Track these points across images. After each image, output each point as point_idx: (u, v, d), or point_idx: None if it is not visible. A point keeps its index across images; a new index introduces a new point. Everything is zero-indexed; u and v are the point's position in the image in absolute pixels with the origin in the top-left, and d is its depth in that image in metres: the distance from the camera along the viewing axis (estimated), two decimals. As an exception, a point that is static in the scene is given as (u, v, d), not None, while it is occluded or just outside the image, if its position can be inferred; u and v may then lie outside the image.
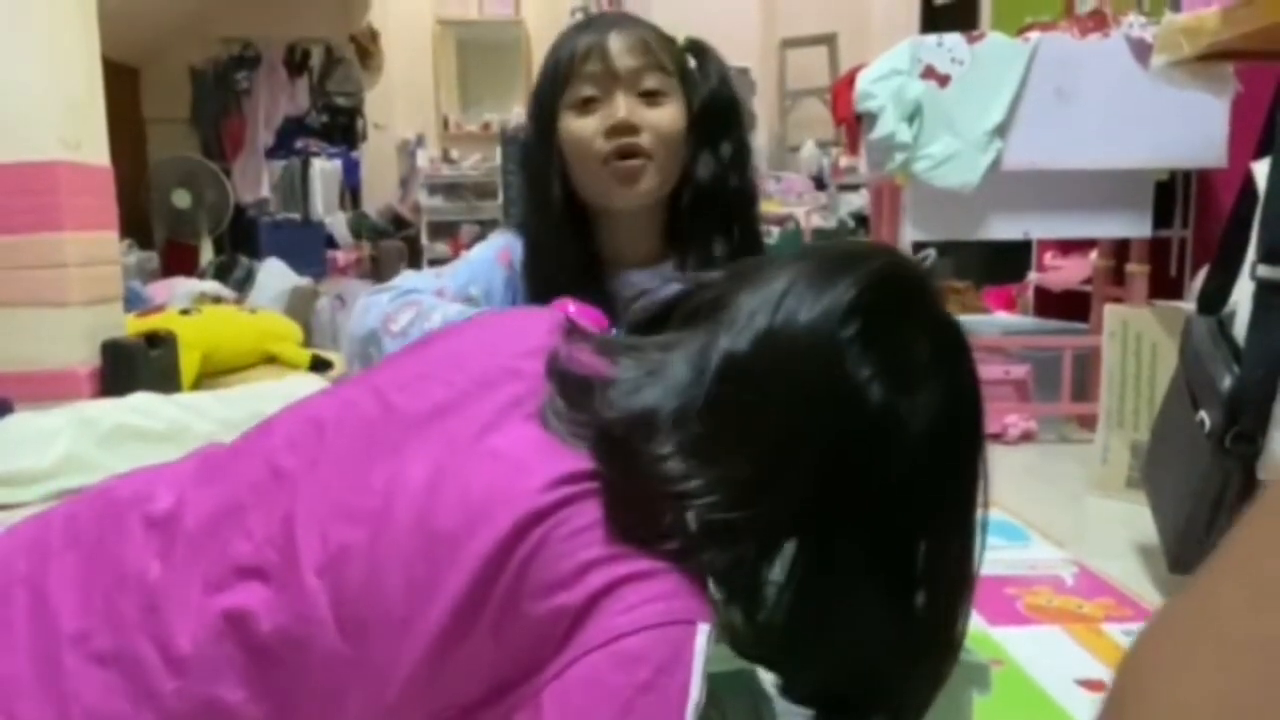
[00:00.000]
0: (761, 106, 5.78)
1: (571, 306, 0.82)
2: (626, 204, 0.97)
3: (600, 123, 0.94)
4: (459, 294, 0.97)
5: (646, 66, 0.94)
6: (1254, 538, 0.24)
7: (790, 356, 0.56)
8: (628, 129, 0.94)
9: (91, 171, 2.55)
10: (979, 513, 0.64)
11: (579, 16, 5.66)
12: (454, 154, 6.09)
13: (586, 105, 0.95)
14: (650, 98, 0.95)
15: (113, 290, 2.63)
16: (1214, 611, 0.24)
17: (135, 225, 4.59)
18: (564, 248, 0.98)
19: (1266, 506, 0.24)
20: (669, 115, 0.96)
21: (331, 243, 5.35)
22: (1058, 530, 1.76)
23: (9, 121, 2.37)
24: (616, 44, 0.94)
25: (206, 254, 4.99)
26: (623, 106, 0.94)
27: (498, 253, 1.03)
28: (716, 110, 0.99)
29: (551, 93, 0.97)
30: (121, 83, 4.79)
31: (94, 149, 2.57)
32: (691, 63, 1.00)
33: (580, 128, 0.95)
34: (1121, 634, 1.32)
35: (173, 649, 0.54)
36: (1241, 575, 0.24)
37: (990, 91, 2.33)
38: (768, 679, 0.92)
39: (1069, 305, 3.08)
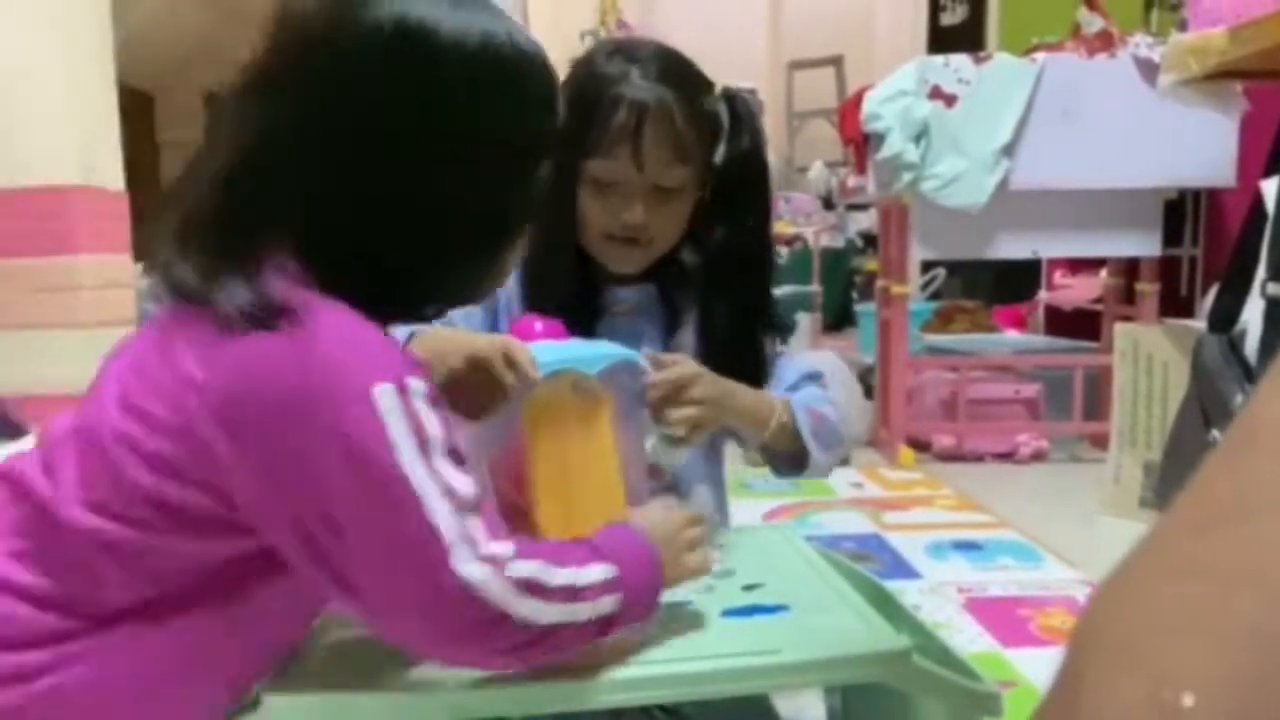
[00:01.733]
0: (769, 128, 5.80)
1: (538, 324, 0.85)
2: (616, 271, 1.00)
3: (612, 208, 0.94)
4: None
5: (674, 161, 0.93)
6: (1212, 463, 0.24)
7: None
8: (640, 229, 0.95)
9: (106, 196, 2.57)
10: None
11: (588, 41, 5.69)
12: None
13: (602, 186, 0.95)
14: (667, 192, 0.94)
15: (127, 313, 2.65)
16: (1163, 536, 0.24)
17: (150, 249, 4.63)
18: (564, 276, 1.00)
19: (1231, 437, 0.24)
20: (679, 210, 0.96)
21: (342, 264, 5.39)
22: (1070, 551, 1.75)
23: (25, 147, 2.40)
24: (651, 139, 0.92)
25: (218, 276, 5.02)
26: (638, 209, 0.94)
27: None
28: (741, 177, 0.98)
29: (577, 139, 0.94)
30: (137, 108, 4.85)
31: (109, 174, 2.60)
32: (722, 111, 0.98)
33: (591, 206, 0.96)
34: (1136, 655, 1.31)
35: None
36: (1194, 499, 0.24)
37: (997, 112, 2.34)
38: (780, 705, 0.92)
39: (1079, 324, 3.07)
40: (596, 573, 0.59)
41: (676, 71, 0.96)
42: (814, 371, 1.03)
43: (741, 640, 0.67)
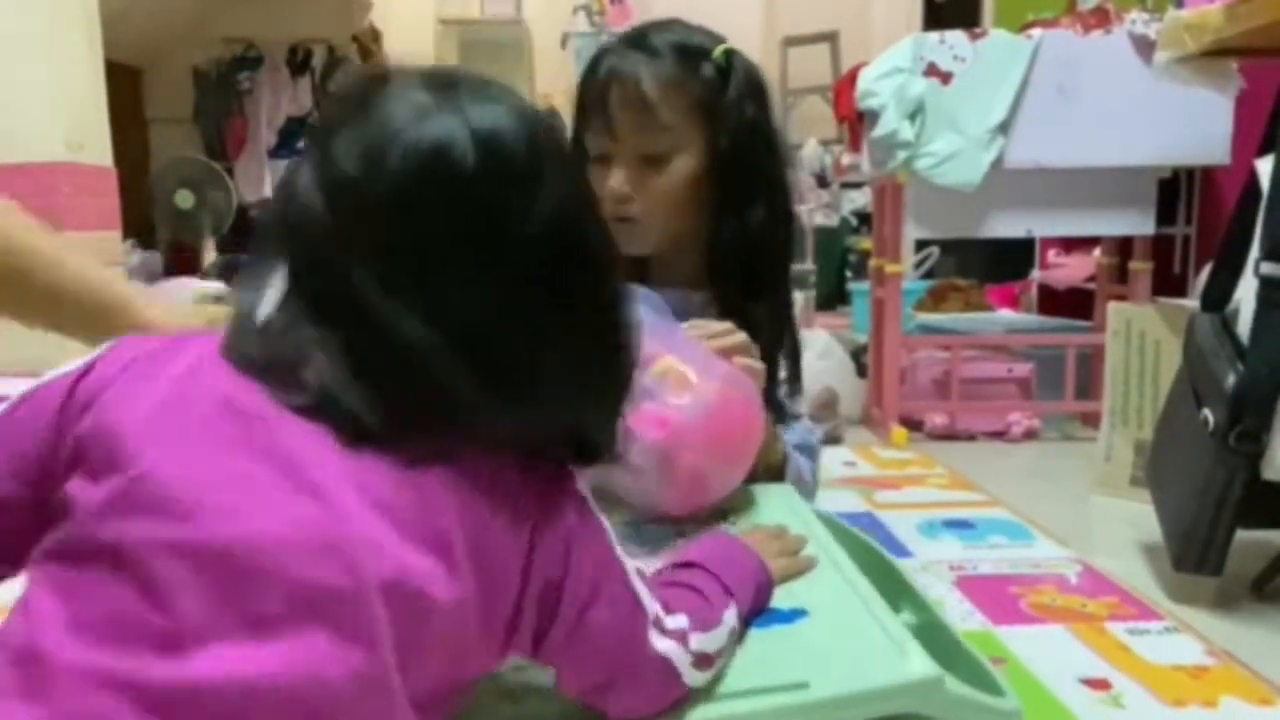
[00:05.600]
0: (764, 105, 5.77)
1: None
2: (626, 252, 0.96)
3: (601, 183, 0.93)
4: None
5: (647, 127, 0.90)
6: None
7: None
8: (622, 199, 0.92)
9: (94, 173, 2.55)
10: None
11: (581, 16, 5.63)
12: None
13: (599, 160, 0.94)
14: (654, 161, 0.91)
15: (116, 291, 2.63)
16: None
17: (138, 226, 4.60)
18: None
19: None
20: (671, 178, 0.92)
21: (334, 242, 5.36)
22: (1061, 529, 1.75)
23: (12, 123, 2.38)
24: (616, 100, 0.90)
25: (210, 254, 5.00)
26: (616, 176, 0.92)
27: None
28: (740, 153, 0.92)
29: (577, 128, 0.96)
30: (124, 84, 4.80)
31: (97, 150, 2.58)
32: (727, 81, 0.94)
33: (594, 179, 0.94)
34: (1125, 633, 1.31)
35: None
36: None
37: (992, 89, 2.33)
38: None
39: (1072, 303, 3.07)
40: (731, 620, 0.62)
41: (659, 39, 0.94)
42: (808, 444, 1.01)
43: (766, 669, 0.64)
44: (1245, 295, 1.39)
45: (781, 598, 0.72)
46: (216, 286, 4.06)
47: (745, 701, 0.60)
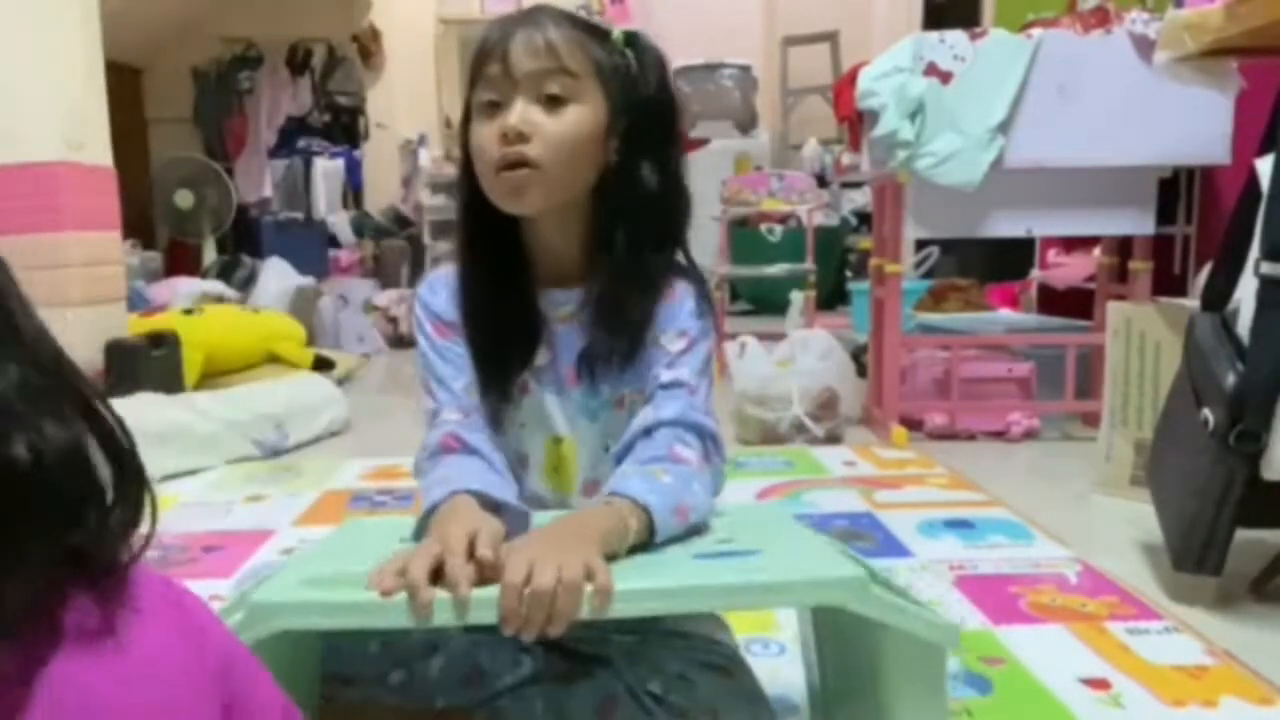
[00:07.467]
0: (764, 104, 5.78)
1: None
2: (518, 213, 0.92)
3: (495, 130, 0.88)
4: (464, 392, 0.93)
5: (549, 70, 0.88)
6: None
7: None
8: (517, 136, 0.87)
9: (94, 172, 2.55)
10: None
11: (582, 14, 5.64)
12: (456, 153, 6.10)
13: (490, 110, 0.90)
14: (552, 103, 0.88)
15: (116, 290, 2.64)
16: None
17: (138, 225, 4.60)
18: (481, 260, 0.94)
19: None
20: (569, 121, 0.88)
21: (334, 242, 5.35)
22: (1061, 529, 1.75)
23: (11, 123, 2.38)
24: (519, 45, 0.88)
25: (209, 254, 5.00)
26: (515, 112, 0.88)
27: (425, 318, 0.97)
28: (653, 119, 0.92)
29: (467, 93, 0.93)
30: (124, 83, 4.81)
31: (97, 150, 2.58)
32: (630, 58, 0.93)
33: (480, 133, 0.90)
34: (1125, 632, 1.31)
35: None
36: None
37: (993, 88, 2.33)
38: (769, 689, 0.92)
39: (1072, 303, 3.07)
40: None
41: (559, 12, 0.93)
42: (679, 381, 0.90)
43: (706, 571, 0.71)
44: (1245, 295, 1.39)
45: (740, 542, 0.78)
46: (216, 286, 4.06)
47: (677, 579, 0.68)
